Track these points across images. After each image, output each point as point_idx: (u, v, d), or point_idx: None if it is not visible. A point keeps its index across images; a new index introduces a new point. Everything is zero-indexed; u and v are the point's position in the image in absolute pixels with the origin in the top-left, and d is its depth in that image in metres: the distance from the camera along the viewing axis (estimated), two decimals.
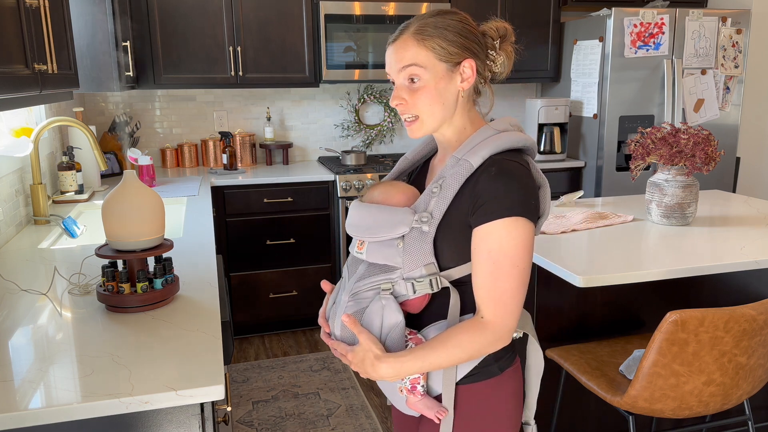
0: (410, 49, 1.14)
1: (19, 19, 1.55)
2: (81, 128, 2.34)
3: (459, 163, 1.12)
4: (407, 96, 1.16)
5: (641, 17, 3.49)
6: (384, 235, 1.12)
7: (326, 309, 1.26)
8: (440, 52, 1.13)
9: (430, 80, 1.14)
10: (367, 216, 1.15)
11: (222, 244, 3.36)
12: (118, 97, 3.69)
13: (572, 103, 3.89)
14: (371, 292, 1.14)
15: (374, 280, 1.13)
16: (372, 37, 3.54)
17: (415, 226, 1.10)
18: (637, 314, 2.17)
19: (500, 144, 1.12)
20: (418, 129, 1.18)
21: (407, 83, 1.16)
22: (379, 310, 1.11)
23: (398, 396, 1.20)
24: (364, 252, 1.16)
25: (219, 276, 1.74)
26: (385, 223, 1.12)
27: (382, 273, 1.13)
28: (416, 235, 1.10)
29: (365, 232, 1.15)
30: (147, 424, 1.12)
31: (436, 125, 1.18)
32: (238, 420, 2.71)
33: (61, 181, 2.76)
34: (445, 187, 1.11)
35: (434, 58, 1.13)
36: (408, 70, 1.14)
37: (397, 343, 1.12)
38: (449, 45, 1.13)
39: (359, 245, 1.17)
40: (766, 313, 1.50)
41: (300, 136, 4.03)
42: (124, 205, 1.41)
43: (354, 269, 1.19)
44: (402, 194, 1.19)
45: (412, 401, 1.17)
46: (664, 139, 2.18)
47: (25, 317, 1.43)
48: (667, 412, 1.59)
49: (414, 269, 1.10)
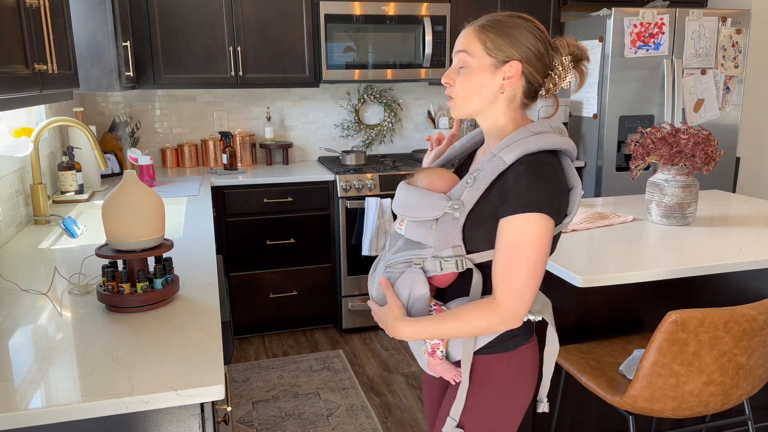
0: (468, 38, 1.25)
1: (19, 19, 1.55)
2: (81, 128, 2.34)
3: (494, 159, 1.22)
4: (454, 77, 1.28)
5: (641, 17, 3.49)
6: (420, 216, 1.25)
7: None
8: (489, 47, 1.23)
9: (474, 69, 1.24)
10: (409, 197, 1.29)
11: (222, 244, 3.36)
12: (118, 97, 3.69)
13: (572, 103, 3.89)
14: (404, 264, 1.28)
15: (408, 254, 1.28)
16: (372, 37, 3.54)
17: (448, 212, 1.22)
18: (637, 314, 2.17)
19: (533, 145, 1.20)
20: (453, 109, 1.31)
21: (458, 67, 1.27)
22: (409, 281, 1.26)
23: (422, 358, 1.35)
24: (403, 228, 1.30)
25: (219, 276, 1.74)
26: (422, 205, 1.25)
27: (415, 249, 1.27)
28: (448, 220, 1.22)
29: (407, 211, 1.28)
30: (147, 424, 1.12)
31: (470, 112, 1.29)
32: (238, 420, 2.71)
33: (61, 181, 2.76)
34: (478, 180, 1.22)
35: (483, 51, 1.23)
36: (460, 55, 1.26)
37: (421, 311, 1.26)
38: (500, 43, 1.22)
39: (400, 222, 1.31)
40: (766, 313, 1.50)
41: (300, 136, 4.03)
42: (124, 205, 1.41)
43: (394, 243, 1.34)
44: (442, 181, 1.31)
45: (432, 363, 1.32)
46: (664, 139, 2.18)
47: (25, 317, 1.43)
48: (667, 412, 1.59)
49: (443, 249, 1.23)
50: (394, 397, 2.91)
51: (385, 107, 4.08)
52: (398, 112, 4.15)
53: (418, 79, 3.68)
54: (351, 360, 3.30)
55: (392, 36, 3.56)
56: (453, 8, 3.66)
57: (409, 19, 3.56)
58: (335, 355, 3.35)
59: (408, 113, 4.19)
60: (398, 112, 4.15)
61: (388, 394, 2.94)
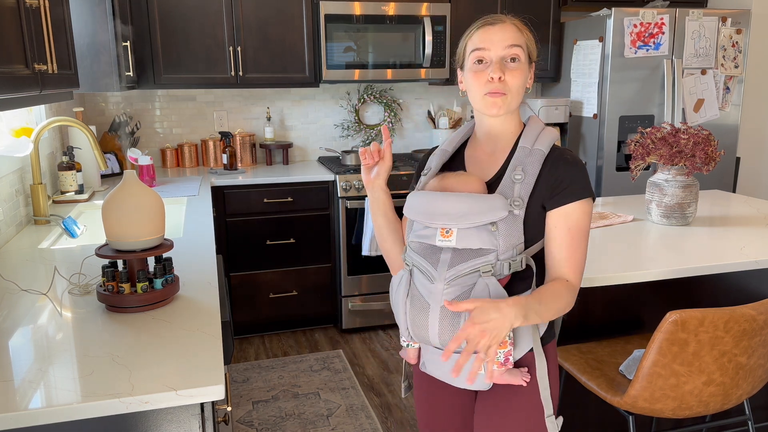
0: (515, 32, 1.27)
1: (19, 19, 1.55)
2: (81, 128, 2.34)
3: (533, 153, 1.26)
4: (504, 72, 1.26)
5: (641, 17, 3.49)
6: (482, 220, 1.20)
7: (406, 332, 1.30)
8: (530, 45, 1.30)
9: (524, 64, 1.28)
10: (459, 204, 1.21)
11: (222, 244, 3.36)
12: (118, 97, 3.69)
13: (572, 103, 3.89)
14: (469, 276, 1.20)
15: (471, 264, 1.20)
16: (372, 37, 3.54)
17: (510, 210, 1.21)
18: (637, 314, 2.17)
19: (552, 135, 1.30)
20: (503, 104, 1.27)
21: (506, 62, 1.26)
22: (485, 290, 1.19)
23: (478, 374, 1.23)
24: (453, 239, 1.22)
25: (219, 276, 1.74)
26: (482, 209, 1.20)
27: (475, 257, 1.20)
28: (510, 219, 1.21)
29: (459, 220, 1.21)
30: (147, 424, 1.12)
31: (514, 107, 1.30)
32: (238, 420, 2.71)
33: (61, 181, 2.76)
34: (528, 174, 1.24)
35: (526, 48, 1.29)
36: (514, 49, 1.26)
37: None
38: (534, 44, 1.31)
39: (443, 233, 1.22)
40: (766, 313, 1.50)
41: (300, 136, 4.03)
42: (124, 205, 1.41)
43: (434, 258, 1.23)
44: (479, 183, 1.29)
45: (497, 374, 1.25)
46: (664, 139, 2.18)
47: (25, 317, 1.43)
48: (667, 412, 1.59)
49: (507, 250, 1.21)
50: (394, 397, 2.91)
51: (385, 107, 4.08)
52: (398, 112, 4.15)
53: (418, 79, 3.68)
54: (351, 360, 3.30)
55: (392, 36, 3.56)
56: (453, 8, 3.66)
57: (409, 19, 3.56)
58: (335, 355, 3.35)
59: (408, 113, 4.19)
60: (398, 112, 4.15)
61: (388, 394, 2.94)
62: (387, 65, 3.60)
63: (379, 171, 1.37)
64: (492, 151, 1.35)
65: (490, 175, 1.33)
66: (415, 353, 1.40)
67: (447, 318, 1.19)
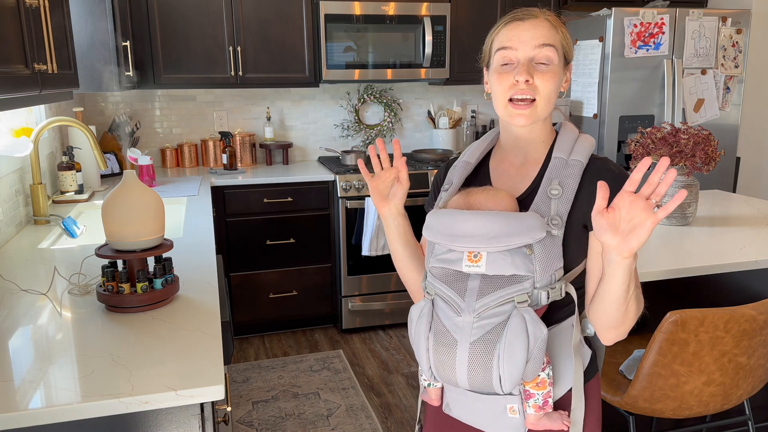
0: (549, 30, 1.12)
1: (19, 19, 1.55)
2: (81, 128, 2.34)
3: (570, 164, 1.11)
4: (534, 75, 1.10)
5: (641, 17, 3.49)
6: (516, 242, 1.02)
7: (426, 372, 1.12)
8: (565, 44, 1.14)
9: (557, 67, 1.12)
10: (489, 223, 1.03)
11: (222, 244, 3.36)
12: (118, 97, 3.69)
13: (572, 103, 3.89)
14: (502, 306, 1.02)
15: (504, 293, 1.02)
16: (372, 37, 3.53)
17: (548, 230, 1.05)
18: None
19: (591, 143, 1.15)
20: (532, 114, 1.12)
21: (536, 63, 1.11)
22: (522, 324, 1.01)
23: (504, 420, 1.10)
24: (482, 264, 1.04)
25: (219, 276, 1.74)
26: (516, 229, 1.03)
27: (509, 285, 1.03)
28: (548, 240, 1.05)
29: (488, 242, 1.03)
30: (147, 424, 1.12)
31: (545, 114, 1.14)
32: (238, 420, 2.71)
33: (61, 181, 2.76)
34: (566, 189, 1.09)
35: (562, 47, 1.13)
36: (545, 49, 1.10)
37: (540, 358, 1.03)
38: (569, 43, 1.15)
39: (471, 258, 1.05)
40: (766, 313, 1.50)
41: (300, 136, 4.03)
42: (124, 205, 1.41)
43: (461, 287, 1.05)
44: (511, 199, 1.12)
45: (534, 419, 1.09)
46: (664, 139, 2.18)
47: (25, 317, 1.43)
48: (667, 412, 1.59)
49: (545, 276, 1.04)
50: (394, 397, 2.90)
51: (385, 107, 4.08)
52: (398, 112, 4.15)
53: (418, 79, 3.68)
54: (351, 360, 3.30)
55: (392, 36, 3.56)
56: (453, 8, 3.66)
57: (409, 19, 3.56)
58: (335, 355, 3.35)
59: (408, 113, 4.19)
60: (398, 112, 4.15)
61: (388, 394, 2.94)
62: (387, 65, 3.59)
63: (396, 193, 1.23)
64: (522, 163, 1.20)
65: (521, 190, 1.17)
66: (438, 394, 1.22)
67: (478, 356, 1.01)
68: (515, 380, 1.02)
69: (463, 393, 1.13)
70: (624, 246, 0.96)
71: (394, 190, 1.23)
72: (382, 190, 1.23)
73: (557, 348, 1.13)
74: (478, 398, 1.11)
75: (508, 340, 1.00)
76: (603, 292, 1.06)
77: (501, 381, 1.01)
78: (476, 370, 1.02)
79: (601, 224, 0.97)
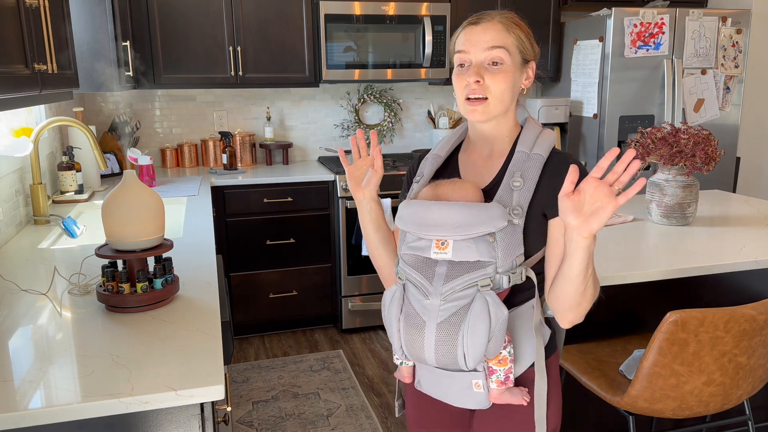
0: (500, 33, 1.20)
1: (19, 19, 1.55)
2: (81, 128, 2.34)
3: (531, 158, 1.20)
4: (485, 76, 1.19)
5: (641, 17, 3.49)
6: (480, 231, 1.12)
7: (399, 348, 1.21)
8: (521, 44, 1.22)
9: (510, 67, 1.20)
10: (455, 213, 1.13)
11: (222, 244, 3.36)
12: (118, 97, 3.69)
13: (572, 103, 3.89)
14: (466, 290, 1.12)
15: (468, 277, 1.12)
16: (372, 37, 3.53)
17: (509, 219, 1.14)
18: (637, 314, 2.17)
19: (553, 138, 1.23)
20: (484, 111, 1.21)
21: (488, 64, 1.20)
22: (484, 306, 1.10)
23: (470, 395, 1.20)
24: (449, 251, 1.14)
25: (219, 276, 1.74)
26: (480, 219, 1.12)
27: (473, 270, 1.13)
28: (509, 229, 1.14)
29: (454, 231, 1.13)
30: (147, 424, 1.12)
31: (499, 111, 1.22)
32: (238, 420, 2.71)
33: (61, 181, 2.76)
34: (527, 180, 1.18)
35: (515, 48, 1.21)
36: (495, 51, 1.19)
37: (501, 337, 1.12)
38: (527, 41, 1.23)
39: (438, 245, 1.15)
40: (766, 313, 1.50)
41: (300, 136, 4.03)
42: (124, 205, 1.41)
43: (429, 272, 1.15)
44: (476, 190, 1.21)
45: (496, 393, 1.20)
46: (664, 139, 2.18)
47: (25, 317, 1.43)
48: (667, 412, 1.59)
49: (507, 262, 1.13)
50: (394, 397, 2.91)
51: (385, 107, 4.08)
52: (398, 112, 4.15)
53: (418, 79, 3.68)
54: (351, 360, 3.30)
55: (392, 36, 3.56)
56: (453, 8, 3.66)
57: (409, 19, 3.56)
58: (335, 355, 3.35)
59: (408, 113, 4.19)
60: (398, 112, 4.15)
61: (388, 394, 2.94)
62: (387, 65, 3.59)
63: (371, 180, 1.31)
64: (488, 156, 1.29)
65: (486, 181, 1.27)
66: (410, 371, 1.34)
67: (444, 335, 1.11)
68: (478, 357, 1.11)
69: (432, 370, 1.23)
70: (585, 227, 1.03)
71: (369, 177, 1.32)
72: (357, 176, 1.33)
73: (519, 329, 1.22)
74: (445, 375, 1.20)
75: (472, 320, 1.10)
76: (564, 271, 1.13)
77: (465, 358, 1.11)
78: (443, 349, 1.12)
79: (566, 206, 1.04)
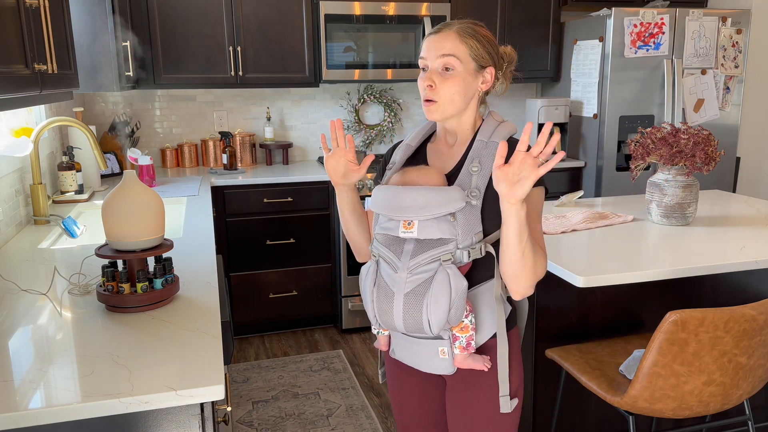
0: (452, 42, 1.33)
1: (19, 19, 1.55)
2: (81, 128, 2.34)
3: (488, 145, 1.34)
4: (437, 80, 1.33)
5: (641, 17, 3.49)
6: (440, 211, 1.25)
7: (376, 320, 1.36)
8: (475, 51, 1.33)
9: (461, 72, 1.33)
10: (419, 197, 1.27)
11: (222, 244, 3.36)
12: (118, 97, 3.69)
13: (572, 103, 3.89)
14: (430, 264, 1.26)
15: (432, 253, 1.26)
16: (372, 37, 3.53)
17: (467, 201, 1.27)
18: (637, 314, 2.17)
19: (510, 129, 1.37)
20: (435, 111, 1.35)
21: (441, 70, 1.33)
22: (446, 278, 1.23)
23: (437, 361, 1.34)
24: (414, 230, 1.27)
25: (219, 276, 1.74)
26: (441, 201, 1.26)
27: (436, 246, 1.26)
28: (468, 209, 1.27)
29: (419, 212, 1.26)
30: (147, 424, 1.12)
31: (451, 113, 1.36)
32: (238, 420, 2.71)
33: (61, 181, 2.76)
34: (484, 166, 1.31)
35: (468, 55, 1.33)
36: (446, 58, 1.32)
37: (462, 308, 1.26)
38: (482, 49, 1.34)
39: (405, 225, 1.28)
40: (766, 313, 1.50)
41: (300, 136, 4.03)
42: (124, 205, 1.41)
43: (398, 249, 1.29)
44: (439, 176, 1.35)
45: (461, 359, 1.33)
46: (664, 139, 2.18)
47: (25, 317, 1.43)
48: (667, 412, 1.59)
49: (467, 239, 1.26)
50: None
51: (385, 107, 4.08)
52: (398, 112, 4.15)
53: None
54: (351, 360, 3.30)
55: (392, 36, 3.56)
56: (453, 8, 3.66)
57: (409, 19, 3.56)
58: (335, 355, 3.35)
59: (408, 113, 4.19)
60: (398, 112, 4.15)
61: (388, 394, 2.94)
62: (387, 65, 3.59)
63: (350, 175, 1.42)
64: (452, 145, 1.43)
65: (449, 167, 1.40)
66: (386, 340, 1.47)
67: (410, 304, 1.26)
68: (441, 324, 1.25)
69: (404, 338, 1.37)
70: (512, 194, 1.18)
71: (351, 175, 1.42)
72: (336, 168, 1.41)
73: (481, 301, 1.34)
74: (415, 342, 1.35)
75: (435, 291, 1.24)
76: (502, 239, 1.26)
77: (429, 324, 1.25)
78: (409, 316, 1.26)
79: (497, 176, 1.19)
